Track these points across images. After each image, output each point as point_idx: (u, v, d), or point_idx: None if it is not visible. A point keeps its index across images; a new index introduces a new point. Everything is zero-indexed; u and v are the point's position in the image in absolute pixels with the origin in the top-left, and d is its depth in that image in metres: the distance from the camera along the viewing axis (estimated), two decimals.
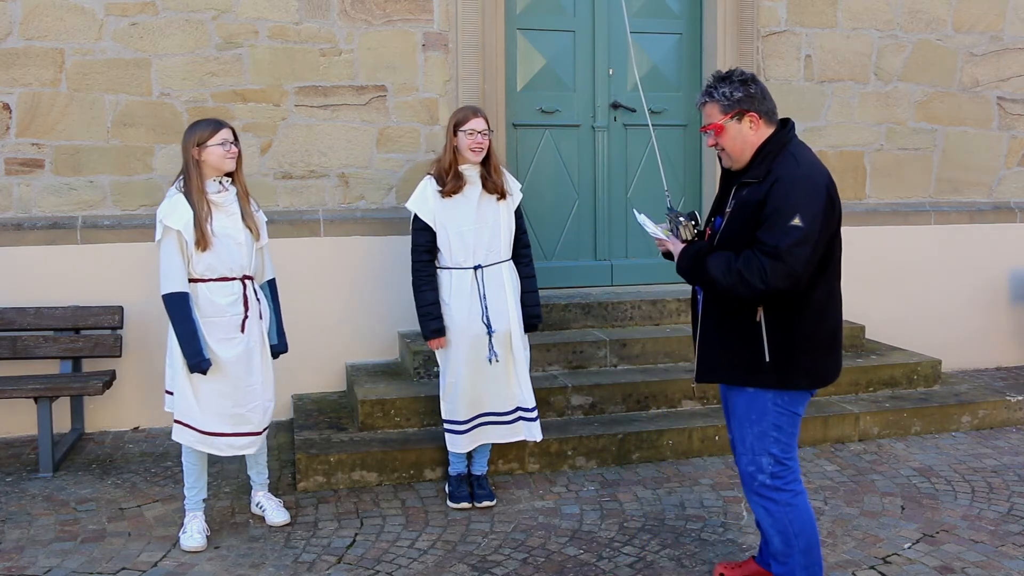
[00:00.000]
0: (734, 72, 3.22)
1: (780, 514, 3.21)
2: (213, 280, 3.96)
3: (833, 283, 3.18)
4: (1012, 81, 6.92)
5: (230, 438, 4.03)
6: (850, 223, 6.62)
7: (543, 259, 6.25)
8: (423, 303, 4.34)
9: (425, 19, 5.83)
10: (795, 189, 3.01)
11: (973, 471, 4.85)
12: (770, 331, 3.11)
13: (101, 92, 5.46)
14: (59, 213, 5.48)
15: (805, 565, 3.22)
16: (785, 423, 3.19)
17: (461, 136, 4.28)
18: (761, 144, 3.16)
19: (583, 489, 4.62)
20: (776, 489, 3.20)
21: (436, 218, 4.32)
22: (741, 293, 3.03)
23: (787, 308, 3.09)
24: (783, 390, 3.15)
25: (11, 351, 5.22)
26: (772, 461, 3.19)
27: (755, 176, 3.11)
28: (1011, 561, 3.81)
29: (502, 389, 4.39)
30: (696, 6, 6.44)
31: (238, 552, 3.96)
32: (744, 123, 3.16)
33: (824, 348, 3.17)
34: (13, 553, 3.93)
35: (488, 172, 4.35)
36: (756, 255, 2.99)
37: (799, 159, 3.10)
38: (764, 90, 3.20)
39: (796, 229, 2.94)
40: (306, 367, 5.75)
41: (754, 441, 3.20)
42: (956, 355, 6.81)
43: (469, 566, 3.80)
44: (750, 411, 3.20)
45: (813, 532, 3.22)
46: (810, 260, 2.99)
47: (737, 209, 3.15)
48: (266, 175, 5.70)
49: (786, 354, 3.11)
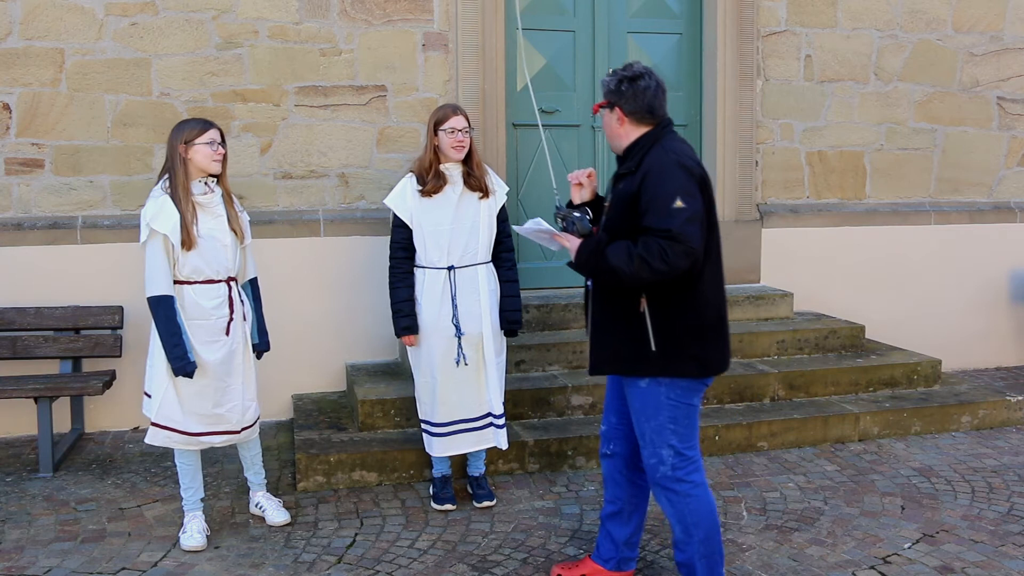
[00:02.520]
0: (631, 66, 3.35)
1: (680, 504, 3.29)
2: (199, 283, 3.94)
3: (714, 269, 3.26)
4: (1012, 81, 6.92)
5: (206, 436, 4.03)
6: (850, 223, 6.66)
7: (543, 259, 6.25)
8: (395, 300, 4.33)
9: (425, 19, 5.83)
10: (667, 174, 3.13)
11: (973, 471, 4.85)
12: (654, 320, 3.19)
13: (101, 92, 5.46)
14: (59, 213, 5.48)
15: (704, 554, 3.31)
16: (681, 416, 3.27)
17: (442, 135, 4.26)
18: (636, 140, 3.29)
19: (583, 489, 4.62)
20: (677, 480, 3.28)
21: (413, 216, 4.31)
22: (645, 277, 3.09)
23: (670, 296, 3.18)
24: (671, 378, 3.23)
25: (11, 351, 5.22)
26: (672, 453, 3.27)
27: (628, 168, 3.26)
28: (1011, 561, 3.81)
29: (472, 393, 4.35)
30: (696, 6, 6.44)
31: (238, 552, 3.96)
32: (614, 114, 3.32)
33: (710, 334, 3.25)
34: (13, 553, 3.93)
35: (470, 170, 4.33)
36: (653, 239, 3.06)
37: (667, 148, 3.22)
38: (641, 91, 3.28)
39: (681, 210, 3.06)
40: (306, 367, 5.75)
41: (653, 435, 3.28)
42: (956, 355, 6.81)
43: (469, 566, 3.81)
44: (646, 405, 3.28)
45: (712, 522, 3.32)
46: (701, 236, 3.09)
47: (614, 202, 3.29)
48: (266, 175, 5.70)
49: (671, 342, 3.20)
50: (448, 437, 4.37)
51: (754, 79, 6.39)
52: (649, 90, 3.29)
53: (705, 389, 3.35)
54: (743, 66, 6.34)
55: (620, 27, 6.32)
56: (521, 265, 4.69)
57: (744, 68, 6.34)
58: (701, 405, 3.36)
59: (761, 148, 6.48)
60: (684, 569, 3.38)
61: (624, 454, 3.54)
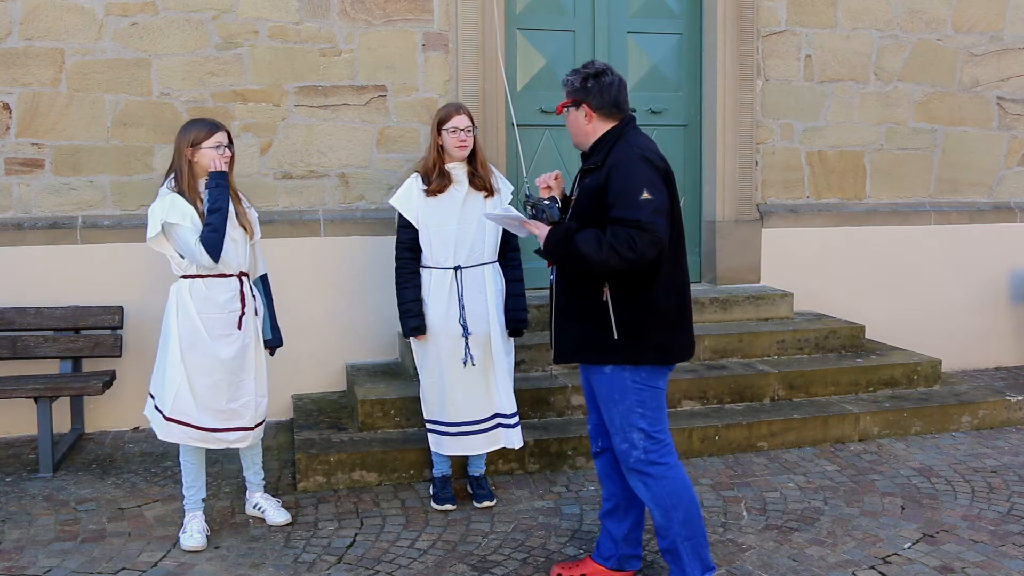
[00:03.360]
0: (591, 64, 3.41)
1: (657, 488, 3.31)
2: (211, 276, 3.96)
3: (676, 257, 3.31)
4: (1012, 81, 6.92)
5: (222, 433, 4.03)
6: (850, 223, 6.66)
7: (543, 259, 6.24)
8: (403, 300, 4.33)
9: (425, 19, 5.83)
10: (633, 168, 3.19)
11: (973, 471, 4.85)
12: (616, 308, 3.24)
13: (101, 92, 5.46)
14: (59, 213, 5.48)
15: (687, 536, 3.32)
16: (648, 398, 3.31)
17: (445, 134, 4.25)
18: (601, 135, 3.36)
19: (583, 489, 4.62)
20: (651, 463, 3.30)
21: (419, 216, 4.30)
22: (613, 265, 3.14)
23: (632, 285, 3.23)
24: (634, 366, 3.26)
25: (11, 351, 5.22)
26: (643, 436, 3.30)
27: (594, 163, 3.32)
28: (1011, 561, 3.81)
29: (479, 395, 4.34)
30: (696, 6, 6.44)
31: (238, 552, 3.96)
32: (580, 112, 3.38)
33: (672, 323, 3.30)
34: (13, 553, 3.93)
35: (475, 169, 4.32)
36: (622, 228, 3.11)
37: (632, 143, 3.29)
38: (607, 86, 3.35)
39: (648, 201, 3.13)
40: (306, 367, 5.75)
41: (622, 420, 3.31)
42: (956, 355, 6.81)
43: (469, 566, 3.81)
44: (612, 391, 3.31)
45: (691, 502, 3.33)
46: (667, 228, 3.16)
47: (581, 195, 3.36)
48: (266, 175, 5.70)
49: (634, 330, 3.24)
50: (458, 438, 4.36)
51: (754, 79, 6.39)
52: (614, 85, 3.37)
53: (669, 374, 3.41)
54: (743, 66, 6.33)
55: (620, 27, 6.32)
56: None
57: (744, 68, 6.34)
58: (666, 388, 3.40)
59: (761, 148, 6.48)
60: (669, 556, 3.39)
61: (612, 449, 3.55)
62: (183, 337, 3.95)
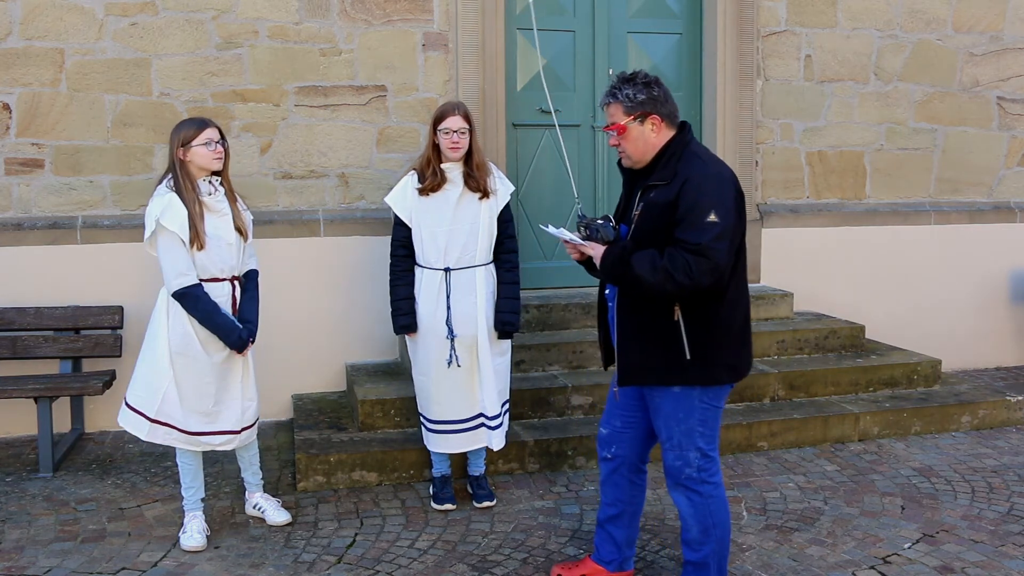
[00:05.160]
0: (638, 74, 3.25)
1: (703, 505, 3.29)
2: (204, 281, 3.95)
3: (742, 275, 3.26)
4: (1012, 81, 6.92)
5: (206, 436, 4.03)
6: (850, 223, 6.66)
7: (543, 259, 6.25)
8: (395, 298, 4.33)
9: (425, 19, 5.83)
10: (706, 187, 3.08)
11: (973, 471, 4.85)
12: (689, 329, 3.16)
13: (101, 92, 5.46)
14: (59, 213, 5.48)
15: (718, 553, 3.32)
16: (710, 418, 3.27)
17: (439, 134, 4.23)
18: (663, 147, 3.21)
19: (583, 489, 4.62)
20: (702, 482, 3.28)
21: (412, 215, 4.30)
22: (668, 290, 3.07)
23: (703, 304, 3.15)
24: (704, 386, 3.22)
25: (11, 351, 5.22)
26: (700, 455, 3.27)
27: (662, 178, 3.16)
28: (1011, 561, 3.81)
29: (464, 395, 4.33)
30: (696, 6, 6.44)
31: (238, 552, 3.96)
32: (647, 125, 3.20)
33: (739, 340, 3.26)
34: (13, 553, 3.93)
35: (471, 170, 4.28)
36: (679, 252, 3.04)
37: (704, 159, 3.18)
38: (667, 93, 3.26)
39: (714, 225, 3.02)
40: (306, 367, 5.75)
41: (681, 437, 3.27)
42: (956, 355, 6.81)
43: (469, 566, 3.81)
44: (677, 410, 3.25)
45: (728, 524, 3.33)
46: (730, 253, 3.07)
47: (646, 211, 3.20)
48: (266, 175, 5.70)
49: (706, 350, 3.18)
50: (440, 435, 4.38)
51: (754, 79, 6.39)
52: (669, 92, 3.27)
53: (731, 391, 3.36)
54: (743, 66, 6.33)
55: (620, 27, 6.32)
56: (522, 265, 4.68)
57: (744, 68, 6.34)
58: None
59: (761, 148, 6.48)
60: (694, 568, 3.35)
61: (628, 457, 3.52)
62: (173, 340, 3.93)
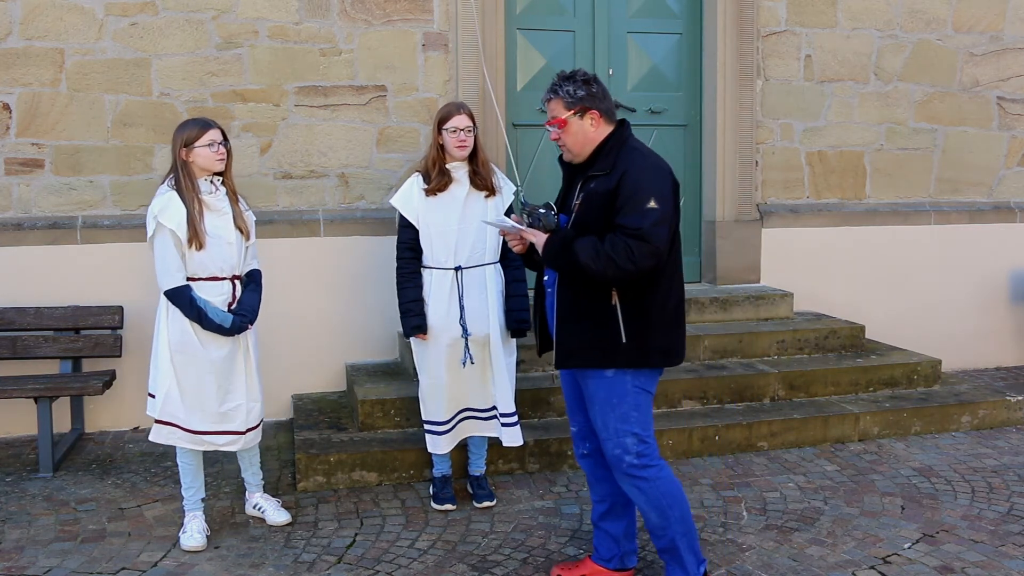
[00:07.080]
0: (577, 72, 3.39)
1: (651, 490, 3.34)
2: (204, 279, 3.96)
3: (677, 262, 3.36)
4: (1012, 81, 6.92)
5: (212, 436, 4.03)
6: (850, 223, 6.66)
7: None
8: (404, 300, 4.32)
9: (425, 19, 5.83)
10: (645, 176, 3.22)
11: (973, 471, 4.85)
12: (625, 312, 3.25)
13: (101, 92, 5.46)
14: (59, 213, 5.49)
15: (684, 532, 3.37)
16: (643, 403, 3.34)
17: (445, 134, 4.25)
18: (603, 140, 3.35)
19: (583, 489, 4.62)
20: (644, 467, 3.33)
21: (419, 216, 4.30)
22: (610, 275, 3.17)
23: (639, 288, 3.25)
24: (639, 369, 3.29)
25: (11, 351, 5.22)
26: (636, 440, 3.32)
27: (603, 168, 3.30)
28: (1011, 561, 3.81)
29: (478, 389, 4.37)
30: (696, 6, 6.44)
31: (238, 552, 3.96)
32: (586, 120, 3.34)
33: (672, 324, 3.35)
34: (13, 553, 3.93)
35: (476, 168, 4.31)
36: (620, 237, 3.15)
37: (643, 152, 3.34)
38: (605, 91, 3.40)
39: (653, 211, 3.15)
40: (306, 367, 5.76)
41: (617, 423, 3.32)
42: (956, 355, 6.81)
43: (469, 566, 3.81)
44: (611, 395, 3.32)
45: (683, 500, 3.38)
46: (668, 239, 3.20)
47: (586, 200, 3.32)
48: (266, 175, 5.71)
49: (641, 333, 3.27)
50: (454, 430, 4.38)
51: (754, 79, 6.39)
52: (607, 89, 3.42)
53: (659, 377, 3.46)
54: (743, 66, 6.34)
55: (620, 27, 6.32)
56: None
57: (744, 68, 6.34)
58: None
59: (761, 148, 6.48)
60: (667, 555, 3.42)
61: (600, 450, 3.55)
62: (173, 339, 3.95)
